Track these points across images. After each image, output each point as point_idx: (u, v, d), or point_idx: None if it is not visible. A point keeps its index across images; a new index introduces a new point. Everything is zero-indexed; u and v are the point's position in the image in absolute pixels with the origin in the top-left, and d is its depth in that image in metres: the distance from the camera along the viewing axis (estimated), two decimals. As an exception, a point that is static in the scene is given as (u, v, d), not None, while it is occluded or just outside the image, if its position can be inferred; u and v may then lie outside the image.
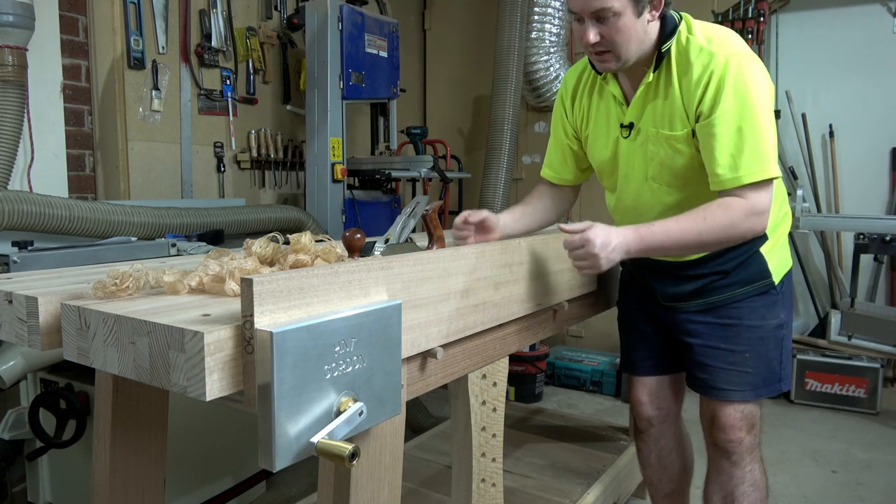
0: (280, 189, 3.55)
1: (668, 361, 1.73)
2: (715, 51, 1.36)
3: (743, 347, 1.54)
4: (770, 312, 1.55)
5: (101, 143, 2.74)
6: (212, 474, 2.23)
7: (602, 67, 1.46)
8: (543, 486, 2.09)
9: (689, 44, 1.40)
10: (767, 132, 1.35)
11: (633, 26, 1.35)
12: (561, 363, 3.83)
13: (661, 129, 1.45)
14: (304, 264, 1.09)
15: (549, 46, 3.83)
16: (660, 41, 1.42)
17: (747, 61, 1.35)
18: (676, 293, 1.60)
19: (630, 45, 1.38)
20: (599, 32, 1.36)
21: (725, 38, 1.40)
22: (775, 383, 1.57)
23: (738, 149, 1.34)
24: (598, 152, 1.61)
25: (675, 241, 1.36)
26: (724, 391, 1.56)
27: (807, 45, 3.90)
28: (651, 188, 1.52)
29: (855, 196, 3.86)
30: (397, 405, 1.01)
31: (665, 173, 1.48)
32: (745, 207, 1.35)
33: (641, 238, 1.35)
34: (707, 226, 1.35)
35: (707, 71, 1.36)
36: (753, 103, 1.34)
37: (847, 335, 3.36)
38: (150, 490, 1.33)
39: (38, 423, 1.99)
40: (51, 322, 0.97)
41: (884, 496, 2.50)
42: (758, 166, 1.34)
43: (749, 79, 1.34)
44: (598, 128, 1.60)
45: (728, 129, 1.34)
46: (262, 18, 3.42)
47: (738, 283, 1.53)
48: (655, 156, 1.47)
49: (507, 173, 3.84)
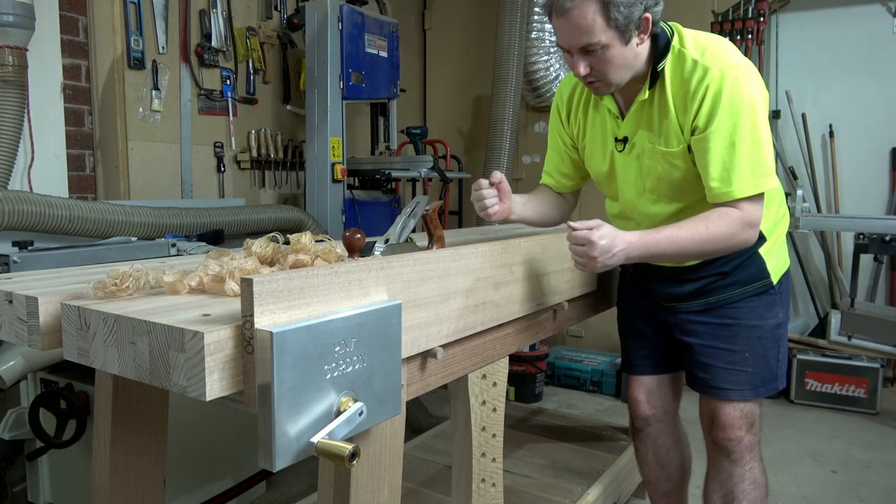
0: (280, 189, 3.55)
1: (667, 361, 1.74)
2: (709, 64, 1.37)
3: (742, 347, 1.56)
4: (769, 312, 1.57)
5: (101, 143, 2.74)
6: (212, 474, 2.23)
7: (595, 93, 1.49)
8: (543, 486, 2.09)
9: (682, 59, 1.41)
10: (762, 145, 1.37)
11: (622, 54, 1.36)
12: (561, 363, 3.83)
13: (657, 146, 1.46)
14: (304, 264, 1.09)
15: (549, 46, 3.83)
16: (653, 58, 1.43)
17: (742, 73, 1.36)
18: (676, 294, 1.61)
19: (620, 73, 1.39)
20: (589, 64, 1.38)
21: (718, 48, 1.40)
22: (773, 382, 1.60)
23: (732, 163, 1.35)
24: (596, 164, 1.64)
25: (678, 249, 1.38)
26: (724, 390, 1.57)
27: (807, 45, 3.90)
28: (648, 199, 1.55)
29: (855, 196, 3.86)
30: (397, 405, 1.01)
31: (663, 186, 1.50)
32: (741, 219, 1.37)
33: (646, 246, 1.37)
34: (709, 235, 1.37)
35: (703, 86, 1.36)
36: (747, 118, 1.35)
37: (847, 335, 3.36)
38: (150, 490, 1.33)
39: (38, 423, 1.99)
40: (51, 322, 0.97)
41: (884, 496, 2.50)
42: (751, 180, 1.36)
43: (744, 93, 1.35)
44: (595, 140, 1.62)
45: (722, 143, 1.36)
46: (262, 18, 3.42)
47: (738, 284, 1.55)
48: (652, 170, 1.49)
49: (507, 173, 3.84)
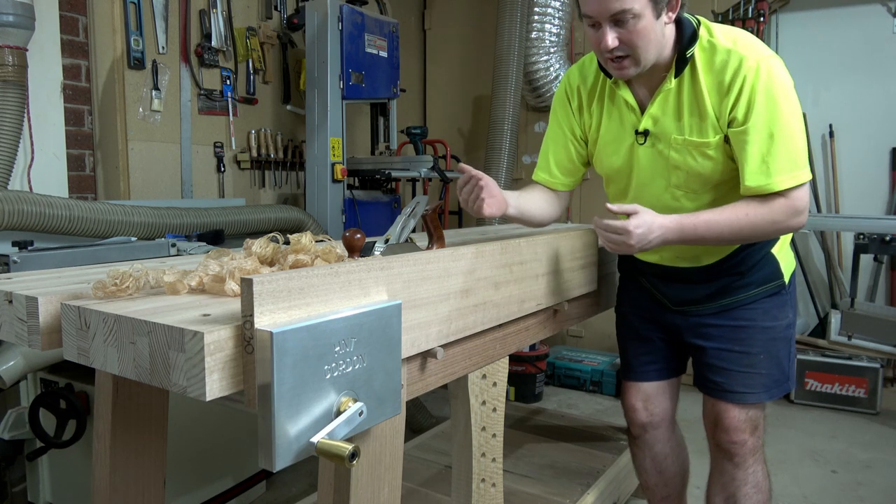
0: (280, 189, 3.55)
1: (671, 366, 1.72)
2: (744, 53, 1.34)
3: (758, 349, 1.54)
4: (781, 312, 1.55)
5: (101, 143, 2.74)
6: (212, 474, 2.23)
7: (619, 74, 1.41)
8: (543, 486, 2.09)
9: (713, 48, 1.37)
10: (798, 136, 1.35)
11: (653, 28, 1.31)
12: (561, 363, 3.83)
13: (690, 137, 1.41)
14: (304, 264, 1.09)
15: (549, 46, 3.83)
16: (678, 45, 1.38)
17: (776, 64, 1.34)
18: (689, 297, 1.59)
19: (650, 49, 1.34)
20: (618, 37, 1.31)
21: (749, 40, 1.38)
22: (785, 383, 1.57)
23: (770, 155, 1.33)
24: (608, 159, 1.57)
25: (717, 234, 1.36)
26: (739, 394, 1.54)
27: (807, 45, 3.90)
28: (673, 195, 1.50)
29: (855, 196, 3.86)
30: (397, 405, 1.01)
31: (693, 181, 1.46)
32: (786, 206, 1.35)
33: (682, 230, 1.36)
34: (749, 222, 1.35)
35: (739, 76, 1.33)
36: (785, 109, 1.33)
37: (847, 335, 3.36)
38: (150, 490, 1.33)
39: (38, 423, 1.99)
40: (51, 322, 0.97)
41: (884, 496, 2.50)
42: (789, 172, 1.34)
43: (779, 84, 1.33)
44: (609, 134, 1.56)
45: (761, 136, 1.33)
46: (262, 18, 3.42)
47: (753, 285, 1.53)
48: (682, 164, 1.44)
49: (507, 173, 3.84)
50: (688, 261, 1.58)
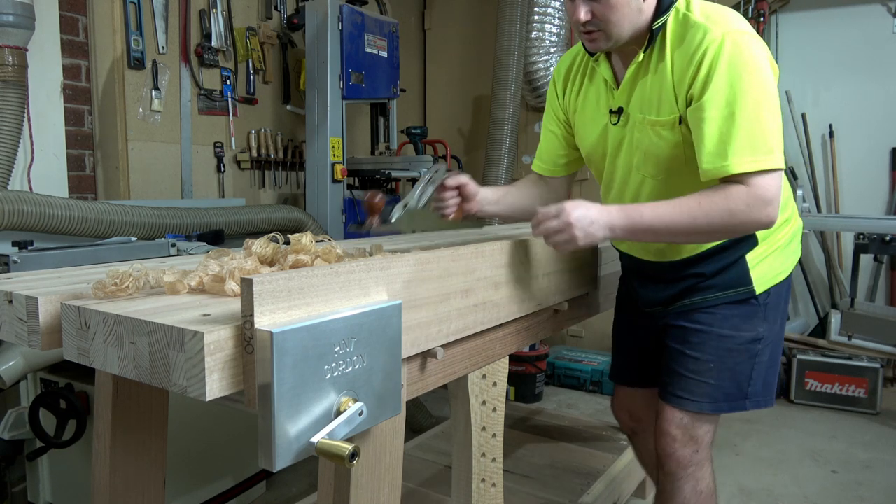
0: (280, 189, 3.55)
1: (644, 374, 1.67)
2: (711, 27, 1.24)
3: (709, 357, 1.43)
4: (746, 324, 1.42)
5: (101, 143, 2.74)
6: (212, 474, 2.23)
7: (591, 47, 1.35)
8: (543, 486, 2.09)
9: (685, 20, 1.29)
10: (767, 118, 1.21)
11: (627, 4, 1.26)
12: (561, 363, 3.83)
13: (647, 115, 1.34)
14: (304, 264, 1.09)
15: (549, 46, 3.83)
16: (655, 19, 1.31)
17: (746, 39, 1.23)
18: (656, 299, 1.53)
19: (623, 23, 1.28)
20: (591, 10, 1.27)
21: (725, 14, 1.28)
22: (740, 400, 1.44)
23: (729, 135, 1.20)
24: (586, 140, 1.51)
25: (666, 224, 1.23)
26: (677, 398, 1.45)
27: (807, 45, 3.90)
28: (636, 179, 1.42)
29: (855, 196, 3.87)
30: (397, 405, 1.01)
31: (649, 163, 1.37)
32: (746, 195, 1.20)
33: (628, 216, 1.24)
34: (702, 211, 1.21)
35: (701, 48, 1.23)
36: (750, 85, 1.20)
37: (847, 335, 3.36)
38: (150, 490, 1.33)
39: (38, 423, 1.99)
40: (51, 322, 0.97)
41: (884, 496, 2.50)
42: (750, 155, 1.20)
43: (747, 58, 1.21)
44: (587, 113, 1.49)
45: (720, 114, 1.21)
46: (262, 18, 3.42)
47: (715, 288, 1.43)
48: (640, 144, 1.37)
49: (507, 173, 3.84)
50: (653, 254, 1.51)
